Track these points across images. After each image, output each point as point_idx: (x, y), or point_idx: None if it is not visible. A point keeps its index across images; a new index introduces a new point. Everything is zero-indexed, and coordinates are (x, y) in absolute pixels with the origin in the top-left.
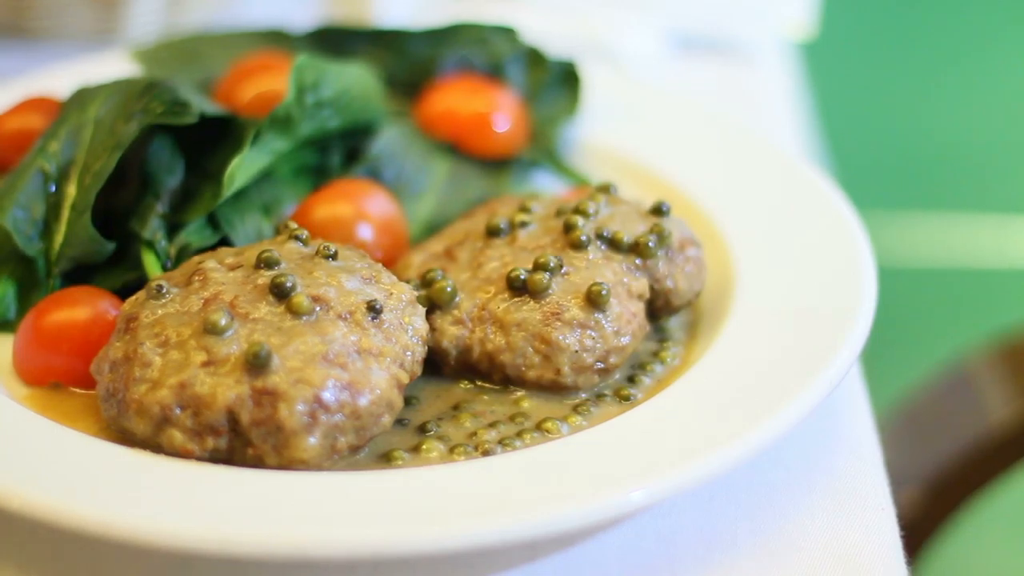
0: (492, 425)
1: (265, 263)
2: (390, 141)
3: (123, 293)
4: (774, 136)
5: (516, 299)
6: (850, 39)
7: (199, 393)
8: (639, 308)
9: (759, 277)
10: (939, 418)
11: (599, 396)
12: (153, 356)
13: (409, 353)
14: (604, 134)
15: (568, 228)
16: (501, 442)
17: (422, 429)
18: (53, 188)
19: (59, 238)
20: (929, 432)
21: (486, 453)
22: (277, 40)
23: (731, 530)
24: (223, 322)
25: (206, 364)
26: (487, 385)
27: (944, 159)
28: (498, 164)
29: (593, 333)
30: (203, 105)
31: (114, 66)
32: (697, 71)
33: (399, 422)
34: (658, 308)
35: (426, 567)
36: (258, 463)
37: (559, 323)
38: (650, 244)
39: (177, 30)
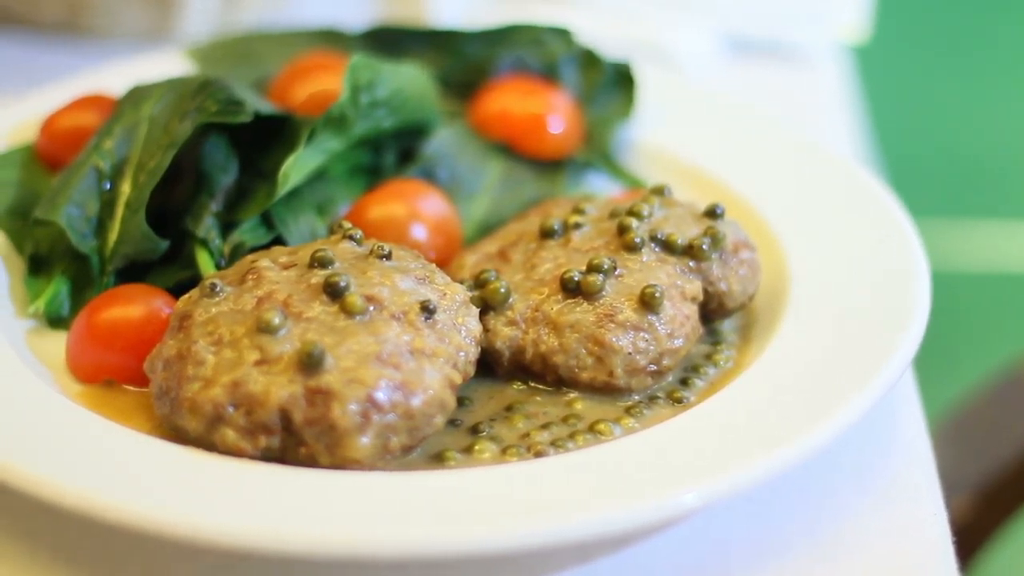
0: (545, 426)
1: (319, 262)
2: (444, 141)
3: (176, 291)
4: (827, 139)
5: (569, 300)
6: (904, 42)
7: (252, 392)
8: (692, 311)
9: (813, 281)
10: (992, 424)
11: (652, 398)
12: (206, 354)
13: (462, 354)
14: (658, 136)
15: (622, 230)
16: (554, 443)
17: (474, 430)
18: (107, 186)
19: (113, 236)
20: (982, 438)
21: (539, 454)
22: (332, 40)
23: (783, 534)
24: (276, 321)
25: (259, 363)
26: (540, 386)
27: (997, 165)
28: (552, 165)
29: (646, 335)
30: (258, 104)
31: (168, 64)
32: (750, 74)
33: (452, 423)
34: (711, 311)
35: (477, 569)
36: (310, 462)
37: (612, 325)
38: (704, 247)
39: (232, 29)
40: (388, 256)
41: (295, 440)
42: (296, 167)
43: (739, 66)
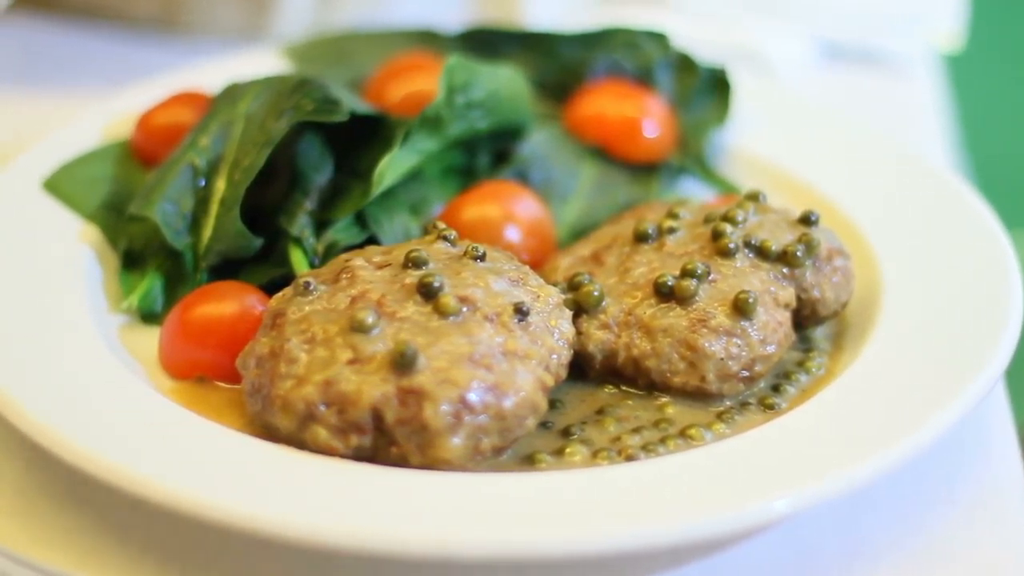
0: (636, 430)
1: (413, 262)
2: (538, 144)
3: (269, 289)
4: (920, 148)
5: (663, 305)
6: (998, 50)
7: (345, 391)
8: (785, 317)
9: (906, 289)
10: None
11: (743, 404)
12: (299, 352)
13: (555, 356)
14: (752, 142)
15: (716, 235)
16: (644, 447)
17: (566, 432)
18: (202, 183)
19: (207, 232)
20: None
21: (629, 458)
22: (427, 40)
23: (872, 542)
24: (370, 320)
25: (352, 362)
26: (632, 390)
27: None
28: (645, 169)
29: (739, 341)
30: (353, 103)
31: (263, 63)
32: (844, 80)
33: (543, 425)
34: (804, 318)
35: (566, 571)
36: (401, 462)
37: (705, 330)
38: (798, 253)
39: (326, 28)
40: (482, 257)
41: (386, 440)
42: (391, 167)
43: (833, 72)
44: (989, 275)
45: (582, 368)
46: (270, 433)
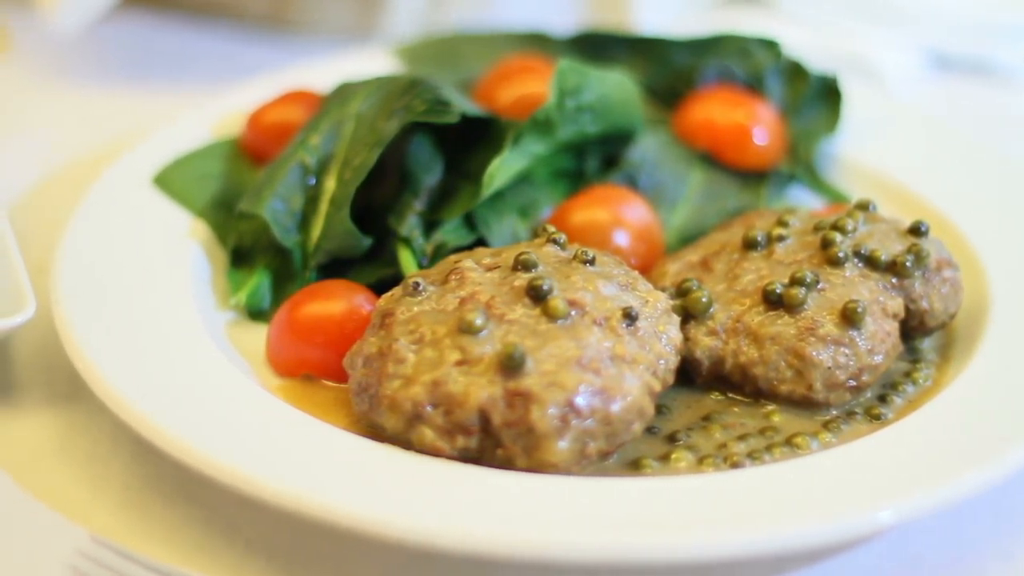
0: (742, 437)
1: (523, 265)
2: (648, 149)
3: (377, 288)
4: None
5: (771, 312)
6: None
7: (452, 392)
8: (893, 327)
9: (1014, 301)
10: None
11: (850, 413)
12: (407, 353)
13: (662, 361)
14: (861, 151)
15: (826, 244)
16: (750, 455)
17: (672, 438)
18: (312, 181)
19: (316, 231)
20: None
21: (735, 465)
22: (538, 43)
23: (978, 554)
24: (479, 322)
25: (460, 363)
26: (738, 397)
27: None
28: (754, 177)
29: (847, 350)
30: (464, 105)
31: (373, 62)
32: (954, 90)
33: (649, 430)
34: (912, 328)
35: None
36: (507, 464)
37: (813, 339)
38: (907, 264)
39: (436, 28)
40: (592, 261)
41: (493, 441)
42: (501, 169)
43: (942, 82)
44: None
45: (689, 374)
46: (376, 433)
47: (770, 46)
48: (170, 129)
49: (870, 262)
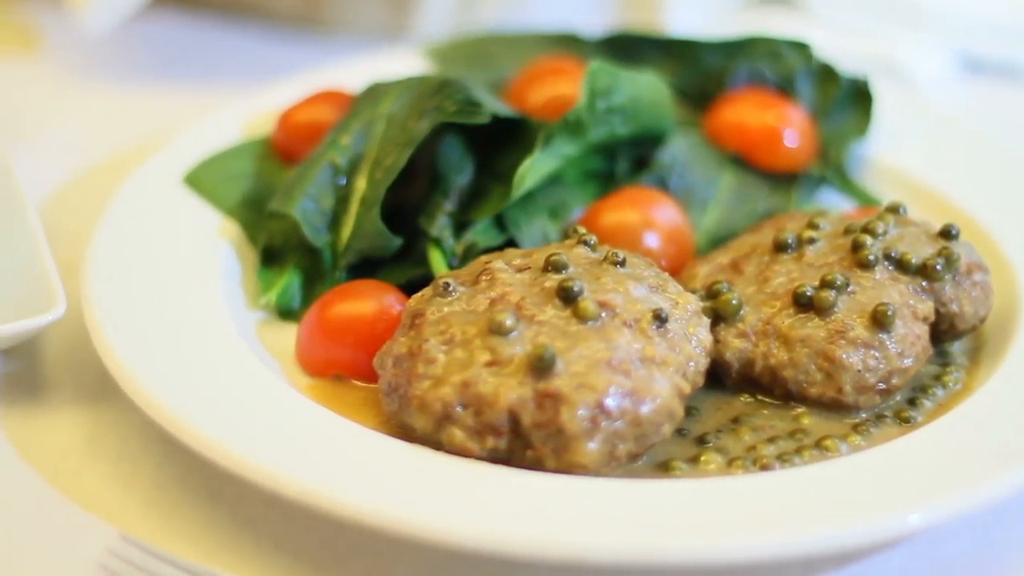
0: (771, 440)
1: (553, 266)
2: (678, 151)
3: (407, 289)
4: None
5: (801, 315)
6: None
7: (482, 392)
8: (923, 331)
9: None
10: None
11: (879, 416)
12: (438, 353)
13: (692, 363)
14: (892, 154)
15: (856, 247)
16: (780, 457)
17: (701, 440)
18: (343, 181)
19: (347, 231)
20: None
21: (764, 468)
22: (569, 44)
23: (1007, 559)
24: (509, 323)
25: (490, 364)
26: (768, 400)
27: None
28: (785, 179)
29: (877, 353)
30: (495, 105)
31: (404, 62)
32: (985, 93)
33: (679, 432)
34: (942, 332)
35: None
36: (537, 465)
37: (843, 341)
38: (938, 267)
39: (467, 29)
40: (622, 263)
41: (522, 442)
42: (532, 170)
43: (973, 85)
44: None
45: (719, 376)
46: (406, 433)
47: (801, 48)
48: (201, 128)
49: (900, 265)
